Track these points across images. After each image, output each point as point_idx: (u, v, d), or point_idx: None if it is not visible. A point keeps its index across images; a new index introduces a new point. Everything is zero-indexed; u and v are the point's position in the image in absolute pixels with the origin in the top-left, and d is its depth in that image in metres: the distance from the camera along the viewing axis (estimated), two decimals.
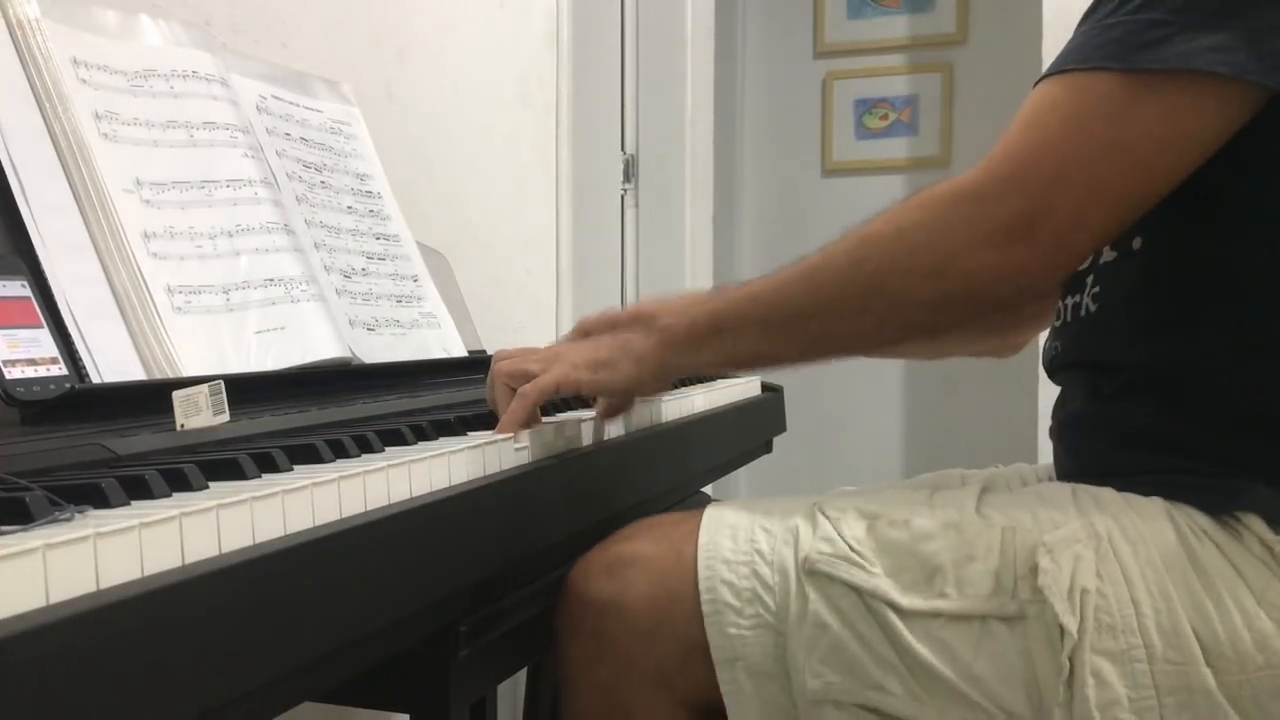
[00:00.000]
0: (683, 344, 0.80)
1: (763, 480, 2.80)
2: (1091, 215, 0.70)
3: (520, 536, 0.74)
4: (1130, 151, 0.69)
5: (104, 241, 0.83)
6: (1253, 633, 0.67)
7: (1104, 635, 0.68)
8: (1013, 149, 0.72)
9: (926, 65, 3.04)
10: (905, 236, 0.73)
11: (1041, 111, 0.72)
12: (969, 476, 1.04)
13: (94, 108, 0.87)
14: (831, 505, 0.77)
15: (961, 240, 0.71)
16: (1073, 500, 0.75)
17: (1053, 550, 0.69)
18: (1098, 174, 0.70)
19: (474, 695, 0.77)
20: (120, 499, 0.50)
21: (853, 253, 0.75)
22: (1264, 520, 0.69)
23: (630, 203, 2.42)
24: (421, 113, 1.62)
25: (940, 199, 0.73)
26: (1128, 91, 0.69)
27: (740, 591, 0.74)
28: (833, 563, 0.73)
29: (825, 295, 0.76)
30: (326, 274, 1.02)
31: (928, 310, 0.74)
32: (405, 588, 0.59)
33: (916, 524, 0.74)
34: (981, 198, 0.71)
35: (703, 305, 0.81)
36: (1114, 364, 0.78)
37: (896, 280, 0.73)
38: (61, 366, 0.74)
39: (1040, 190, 0.70)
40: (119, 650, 0.40)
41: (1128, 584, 0.69)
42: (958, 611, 0.70)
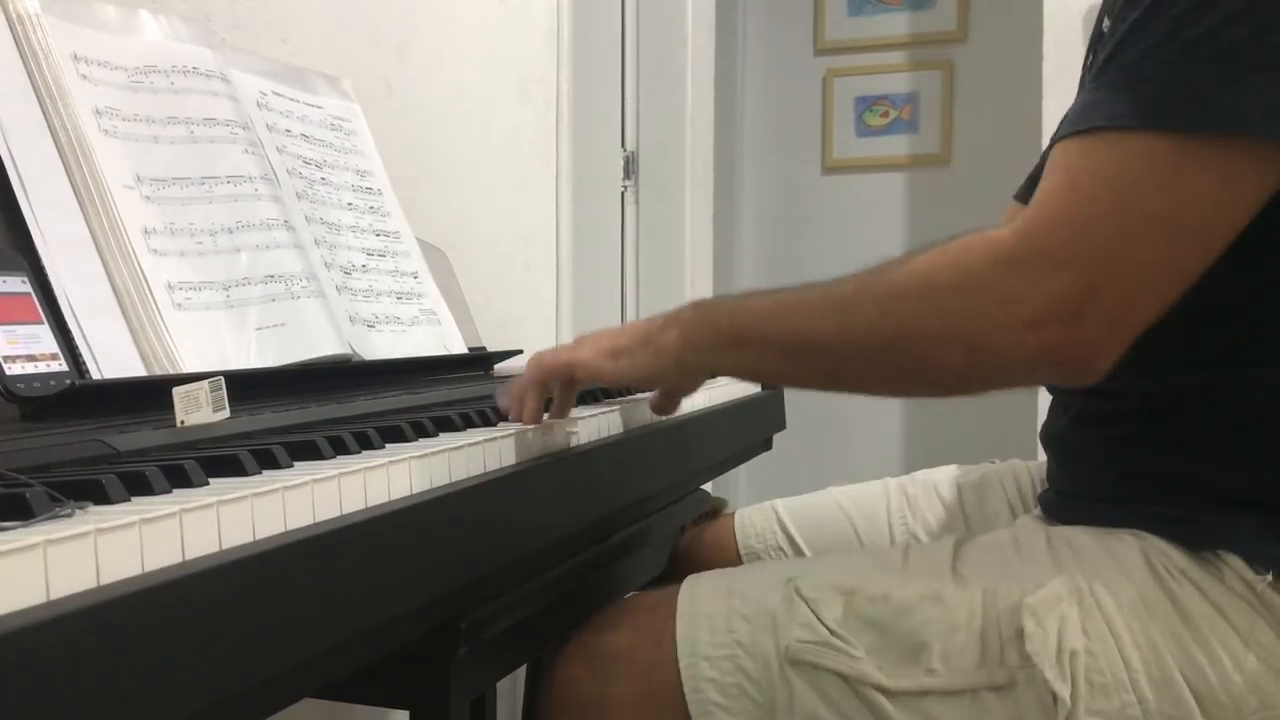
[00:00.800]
0: (706, 344, 0.77)
1: (763, 478, 2.80)
2: (1144, 294, 0.64)
3: (520, 533, 0.74)
4: (1183, 222, 0.63)
5: (104, 237, 0.83)
6: (1243, 675, 0.66)
7: (1097, 696, 0.67)
8: (1055, 218, 0.65)
9: (927, 63, 3.04)
10: (938, 300, 0.67)
11: (1079, 179, 0.65)
12: (964, 473, 1.04)
13: (94, 103, 0.87)
14: (807, 583, 0.76)
15: (997, 318, 0.65)
16: (1049, 551, 0.74)
17: (1037, 613, 0.68)
18: (1151, 250, 0.63)
19: (474, 692, 0.77)
20: (121, 495, 0.50)
21: (884, 303, 0.70)
22: (1243, 559, 0.69)
23: (630, 199, 2.42)
24: (422, 109, 1.62)
25: (975, 262, 0.66)
26: (1177, 155, 0.62)
27: (725, 688, 0.74)
28: (815, 651, 0.72)
29: (852, 339, 0.71)
30: (327, 270, 1.02)
31: (953, 377, 0.69)
32: (405, 584, 0.59)
33: (895, 598, 0.73)
34: (1021, 271, 0.64)
35: (727, 309, 0.78)
36: (1108, 391, 0.77)
37: (927, 344, 0.68)
38: (62, 362, 0.74)
39: (1088, 270, 0.63)
40: (119, 646, 0.40)
41: (1115, 639, 0.68)
42: (947, 688, 0.70)
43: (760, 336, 0.75)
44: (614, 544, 0.93)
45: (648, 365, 0.79)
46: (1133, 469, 0.76)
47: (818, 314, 0.73)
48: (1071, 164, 0.66)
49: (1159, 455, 0.74)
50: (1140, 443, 0.75)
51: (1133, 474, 0.75)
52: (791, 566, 0.80)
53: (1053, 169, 0.67)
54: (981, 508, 1.01)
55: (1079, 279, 0.63)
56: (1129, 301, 0.64)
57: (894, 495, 1.04)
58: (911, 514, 1.02)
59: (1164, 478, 0.74)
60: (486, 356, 1.23)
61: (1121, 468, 0.76)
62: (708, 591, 0.79)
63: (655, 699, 0.75)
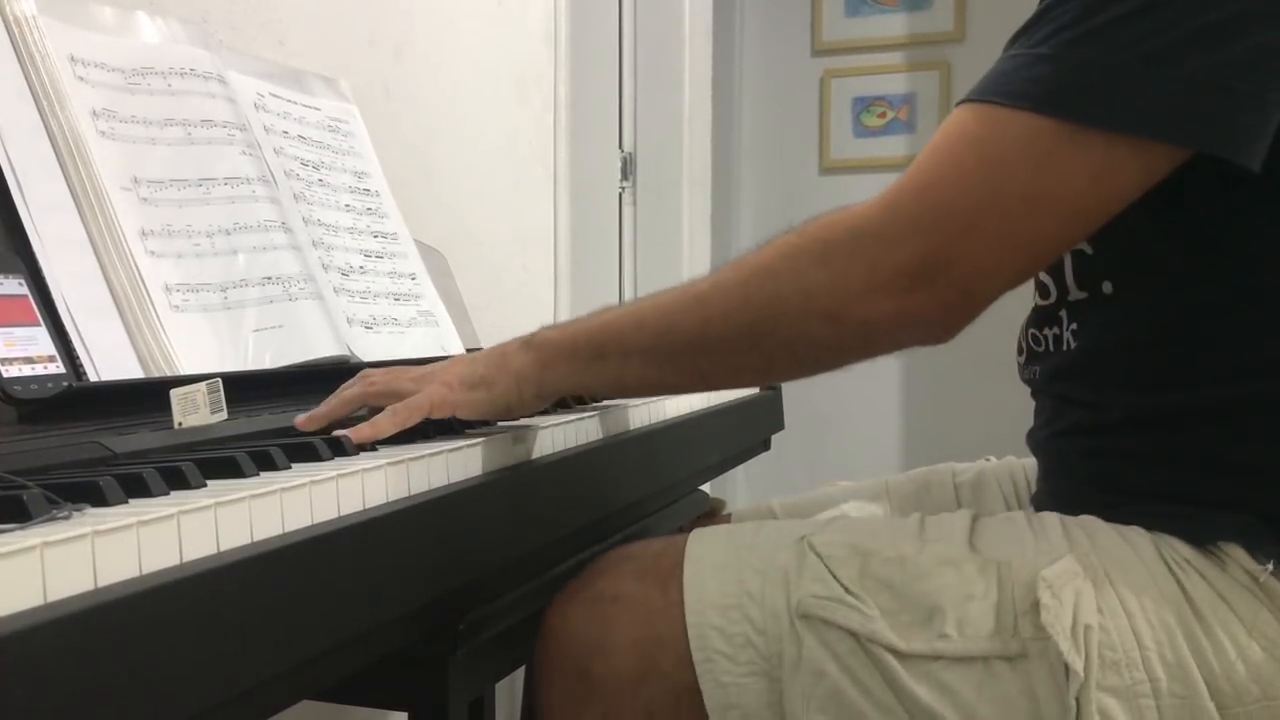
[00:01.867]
0: (563, 363, 0.75)
1: (761, 478, 2.80)
2: (999, 265, 0.66)
3: (518, 534, 0.73)
4: (1048, 203, 0.65)
5: (101, 239, 0.83)
6: (1246, 664, 0.66)
7: (1109, 672, 0.67)
8: (922, 186, 0.67)
9: (924, 63, 3.04)
10: (800, 275, 0.68)
11: (957, 146, 0.67)
12: (960, 471, 1.04)
13: (91, 105, 0.87)
14: (821, 540, 0.75)
15: (858, 285, 0.66)
16: (1063, 531, 0.74)
17: (1053, 586, 0.68)
18: (1011, 224, 0.65)
19: (472, 693, 0.77)
20: (118, 497, 0.49)
21: (744, 287, 0.70)
22: (1245, 549, 0.69)
23: (628, 200, 2.42)
24: (419, 111, 1.62)
25: (839, 235, 0.68)
26: (1053, 140, 0.64)
27: (731, 637, 0.72)
28: (828, 606, 0.71)
29: (713, 330, 0.71)
30: (324, 272, 1.02)
31: (820, 351, 0.70)
32: (403, 586, 0.59)
33: (911, 561, 0.72)
34: (882, 239, 0.66)
35: (582, 326, 0.76)
36: (1091, 403, 0.77)
37: (789, 321, 0.68)
38: (59, 364, 0.74)
39: (947, 238, 0.65)
40: (116, 648, 0.40)
41: (1128, 616, 0.68)
42: (960, 653, 0.69)
43: (620, 346, 0.74)
44: (612, 545, 0.93)
45: (506, 394, 0.75)
46: (1119, 483, 0.76)
47: (677, 313, 0.72)
48: (953, 131, 0.68)
49: (1144, 469, 0.74)
50: (1124, 456, 0.75)
51: (1120, 487, 0.75)
52: (804, 525, 0.79)
53: (940, 132, 0.69)
54: (978, 506, 1.01)
55: (938, 244, 0.65)
56: (982, 271, 0.66)
57: (892, 494, 1.04)
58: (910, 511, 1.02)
59: (1152, 489, 0.74)
60: None
61: (1108, 481, 0.76)
62: (718, 542, 0.77)
63: (657, 644, 0.74)
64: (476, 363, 0.77)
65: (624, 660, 0.74)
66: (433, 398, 0.74)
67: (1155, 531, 0.72)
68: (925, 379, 2.99)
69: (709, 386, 0.79)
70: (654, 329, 0.73)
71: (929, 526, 0.78)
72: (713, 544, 0.78)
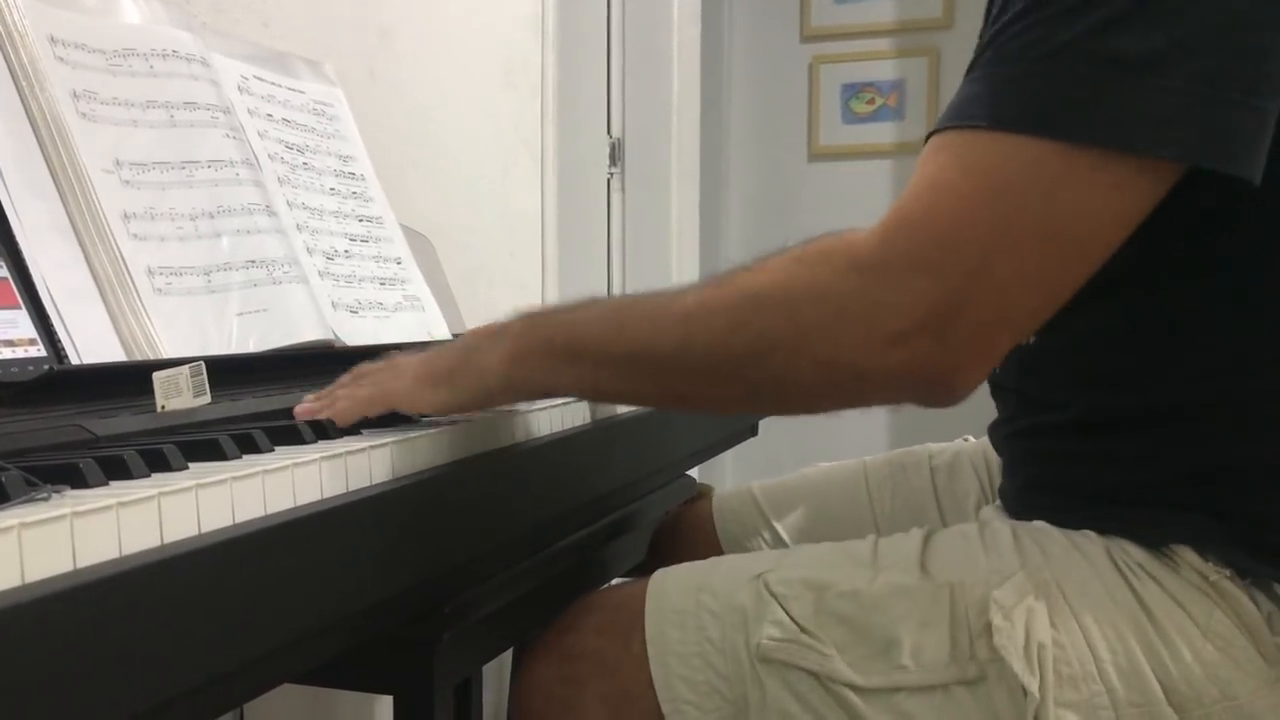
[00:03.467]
0: (534, 360, 0.69)
1: (748, 463, 2.80)
2: (1016, 309, 0.59)
3: (504, 518, 0.73)
4: (1063, 234, 0.58)
5: (83, 222, 0.82)
6: (1203, 666, 0.66)
7: (1066, 688, 0.67)
8: (924, 219, 0.59)
9: (913, 49, 3.04)
10: (794, 311, 0.60)
11: (955, 176, 0.59)
12: (936, 453, 1.05)
13: (72, 86, 0.86)
14: (777, 579, 0.75)
15: (858, 334, 0.59)
16: (1015, 544, 0.74)
17: (1004, 607, 0.68)
18: (1026, 261, 0.58)
19: (458, 677, 0.77)
20: (98, 479, 0.49)
21: (732, 311, 0.62)
22: (1195, 551, 0.69)
23: (616, 186, 2.41)
24: (405, 94, 1.61)
25: (834, 269, 0.60)
26: (1063, 164, 0.57)
27: (696, 685, 0.73)
28: (786, 649, 0.71)
29: (695, 353, 0.64)
30: (309, 256, 1.01)
31: (808, 396, 0.64)
32: (387, 568, 0.59)
33: (865, 594, 0.72)
34: (884, 278, 0.58)
35: (560, 321, 0.70)
36: (1049, 402, 0.77)
37: (778, 360, 0.61)
38: (40, 348, 0.74)
39: (959, 280, 0.57)
40: (96, 629, 0.40)
41: (1082, 630, 0.68)
42: (919, 684, 0.69)
43: (597, 352, 0.67)
44: (598, 529, 0.93)
45: (471, 391, 0.70)
46: (1076, 481, 0.76)
47: (660, 326, 0.65)
48: (946, 161, 0.60)
49: (1100, 468, 0.74)
50: (1080, 456, 0.75)
51: (1077, 486, 0.75)
52: (761, 561, 0.79)
53: (925, 163, 0.61)
54: (952, 488, 1.01)
55: (947, 288, 0.57)
56: (999, 316, 0.59)
57: (870, 475, 1.04)
58: (887, 494, 1.02)
59: (1107, 489, 0.74)
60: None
61: (1065, 480, 0.76)
62: (676, 588, 0.77)
63: (627, 698, 0.75)
64: (443, 356, 0.73)
65: (595, 717, 0.75)
66: (392, 394, 0.71)
67: (1108, 535, 0.72)
68: None
69: (687, 408, 0.75)
70: (634, 339, 0.66)
71: (882, 552, 0.77)
72: (671, 590, 0.78)
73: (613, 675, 0.75)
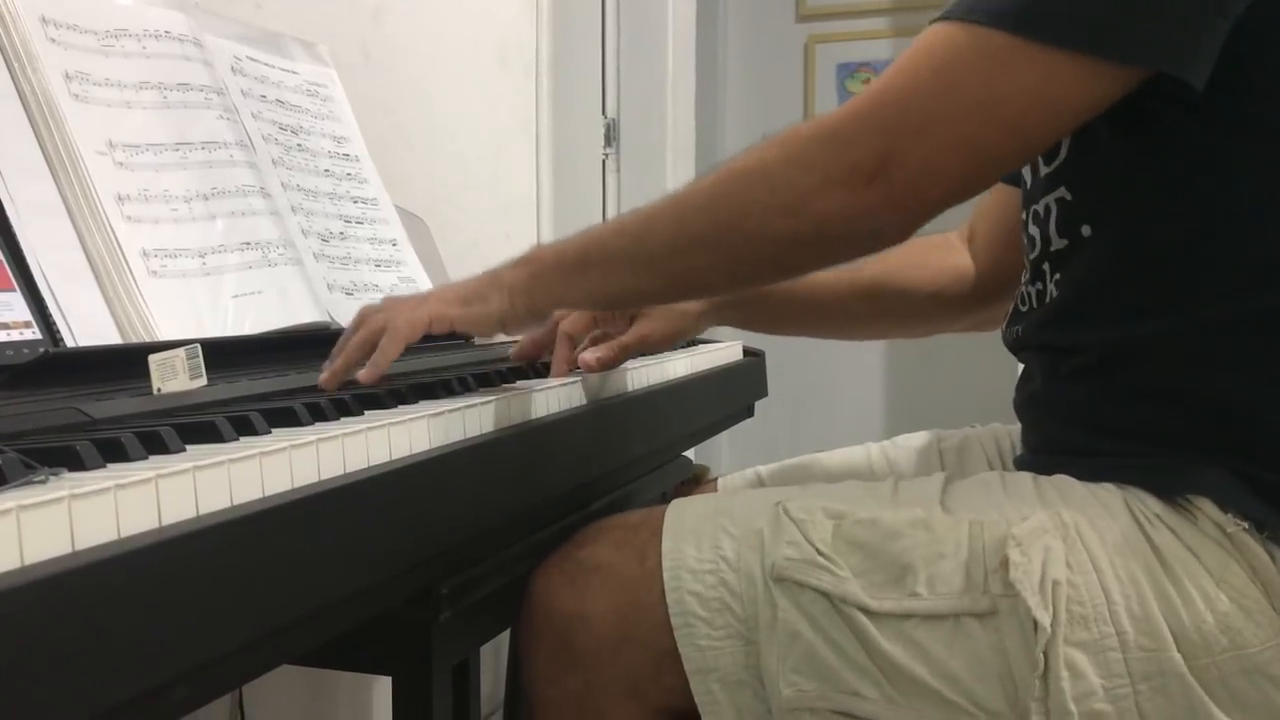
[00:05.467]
0: (552, 275, 0.79)
1: (745, 444, 2.81)
2: (947, 167, 0.69)
3: (501, 499, 0.73)
4: (996, 110, 0.68)
5: (77, 204, 0.82)
6: (1215, 615, 0.67)
7: (1076, 626, 0.68)
8: (880, 91, 0.70)
9: (909, 28, 3.03)
10: (765, 173, 0.72)
11: (917, 58, 0.71)
12: (945, 437, 1.05)
13: (64, 67, 0.86)
14: (796, 505, 0.76)
15: (817, 178, 0.69)
16: (1035, 490, 0.75)
17: (1022, 543, 0.69)
18: (959, 127, 0.68)
19: (456, 657, 0.77)
20: (96, 461, 0.49)
21: (715, 187, 0.74)
22: (1214, 503, 0.69)
23: (612, 167, 2.40)
24: (399, 75, 1.60)
25: (803, 136, 0.71)
26: (1005, 53, 0.67)
27: (708, 601, 0.73)
28: (801, 568, 0.72)
29: (688, 230, 0.74)
30: (304, 237, 1.01)
31: (780, 247, 0.73)
32: (384, 550, 0.59)
33: (884, 522, 0.73)
34: (840, 137, 0.70)
35: (573, 240, 0.80)
36: (1069, 347, 0.78)
37: (753, 217, 0.72)
38: (35, 330, 0.73)
39: (898, 135, 0.68)
40: (94, 612, 0.40)
41: (1097, 572, 0.69)
42: (930, 611, 0.70)
43: (604, 255, 0.78)
44: (595, 510, 0.93)
45: (500, 307, 0.80)
46: (1100, 422, 0.76)
47: (655, 216, 0.76)
48: (913, 49, 0.71)
49: (1123, 407, 0.75)
50: (1103, 396, 0.76)
51: (1100, 427, 0.76)
52: (781, 491, 0.80)
53: (906, 51, 0.72)
54: (962, 469, 1.01)
55: (890, 143, 0.68)
56: (931, 171, 0.68)
57: (876, 459, 1.05)
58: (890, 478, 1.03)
59: (1131, 429, 0.75)
60: None
61: (1089, 422, 0.77)
62: (695, 510, 0.79)
63: (636, 610, 0.75)
64: (470, 281, 0.81)
65: (604, 627, 0.75)
66: (431, 312, 0.78)
67: (1127, 487, 0.73)
68: (908, 346, 3.00)
69: (686, 292, 0.83)
70: (633, 233, 0.77)
71: (902, 490, 0.78)
72: (690, 512, 0.79)
73: (625, 587, 0.76)
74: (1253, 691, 0.67)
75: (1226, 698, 0.67)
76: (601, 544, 0.79)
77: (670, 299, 0.87)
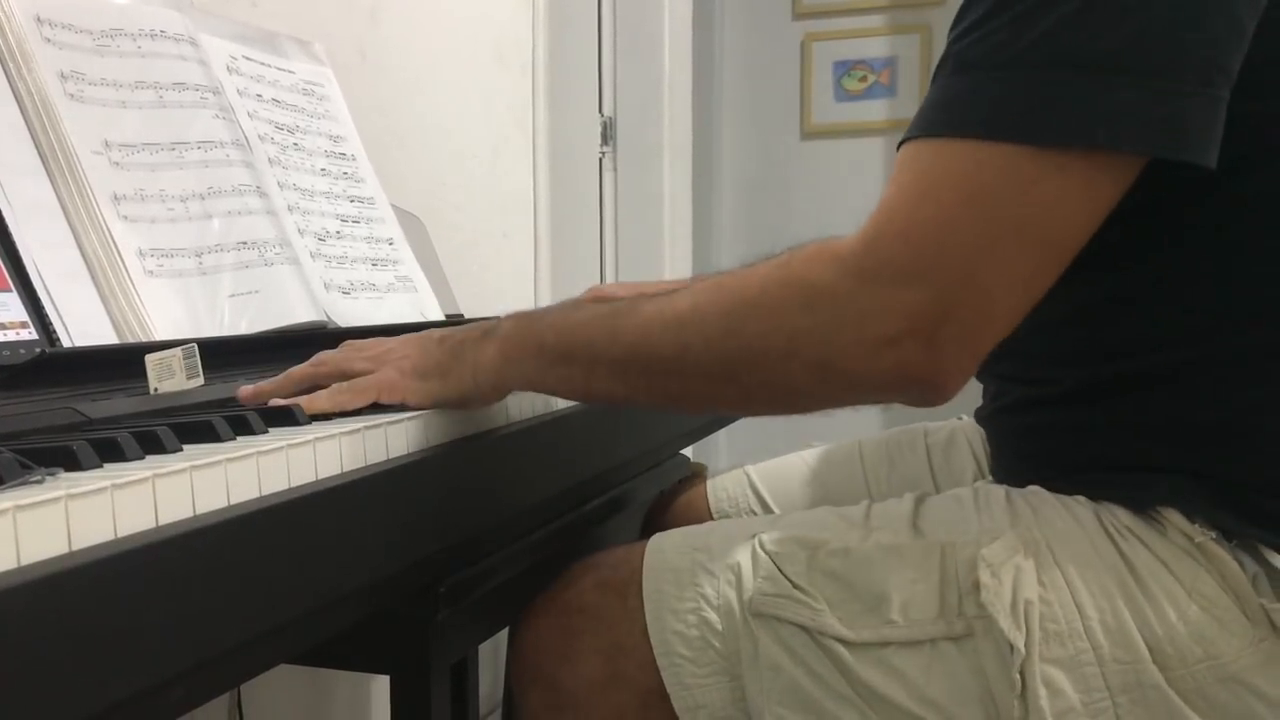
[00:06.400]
0: (526, 361, 0.70)
1: (742, 441, 2.81)
2: (1000, 307, 0.62)
3: (498, 498, 0.74)
4: (1040, 232, 0.61)
5: (73, 204, 0.82)
6: (1188, 626, 0.67)
7: (1052, 644, 0.68)
8: (907, 227, 0.61)
9: (905, 26, 3.03)
10: (785, 318, 0.63)
11: (933, 184, 0.62)
12: (932, 431, 1.05)
13: (59, 67, 0.86)
14: (770, 538, 0.76)
15: (849, 337, 0.61)
16: (1008, 505, 0.75)
17: (992, 565, 0.69)
18: (1006, 262, 0.61)
19: (454, 656, 0.77)
20: (92, 461, 0.49)
21: (726, 318, 0.65)
22: (1181, 513, 0.69)
23: (609, 165, 2.40)
24: (395, 74, 1.60)
25: (821, 278, 0.62)
26: (1035, 167, 0.60)
27: (691, 641, 0.74)
28: (777, 604, 0.72)
29: (691, 357, 0.66)
30: (300, 237, 1.01)
31: (801, 397, 0.66)
32: (382, 548, 0.59)
33: (856, 551, 0.73)
34: (872, 286, 0.61)
35: (551, 322, 0.71)
36: (1037, 379, 0.77)
37: (771, 364, 0.64)
38: (31, 330, 0.73)
39: (945, 287, 0.60)
40: (91, 611, 0.40)
41: (1070, 588, 0.69)
42: (907, 638, 0.70)
43: (590, 354, 0.69)
44: (593, 508, 0.93)
45: (461, 387, 0.71)
46: (1062, 453, 0.76)
47: (654, 330, 0.67)
48: (923, 169, 0.63)
49: (1086, 439, 0.75)
50: (1067, 428, 0.76)
51: (1063, 458, 0.76)
52: (756, 523, 0.80)
53: (901, 172, 0.64)
54: (949, 465, 1.02)
55: (934, 293, 0.60)
56: (985, 316, 0.62)
57: (864, 455, 1.05)
58: (882, 472, 1.03)
59: (1094, 459, 0.74)
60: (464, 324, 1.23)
61: (1051, 453, 0.77)
62: (673, 547, 0.79)
63: (622, 651, 0.76)
64: (433, 349, 0.73)
65: (591, 668, 0.76)
66: (381, 383, 0.71)
67: (1098, 501, 0.73)
68: None
69: (678, 409, 0.77)
70: (627, 343, 0.68)
71: (874, 515, 0.79)
72: (669, 548, 0.79)
73: (609, 629, 0.77)
74: (1231, 700, 0.67)
75: (1205, 706, 0.67)
76: (584, 586, 0.80)
77: (656, 409, 0.83)
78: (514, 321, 0.72)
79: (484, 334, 0.72)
